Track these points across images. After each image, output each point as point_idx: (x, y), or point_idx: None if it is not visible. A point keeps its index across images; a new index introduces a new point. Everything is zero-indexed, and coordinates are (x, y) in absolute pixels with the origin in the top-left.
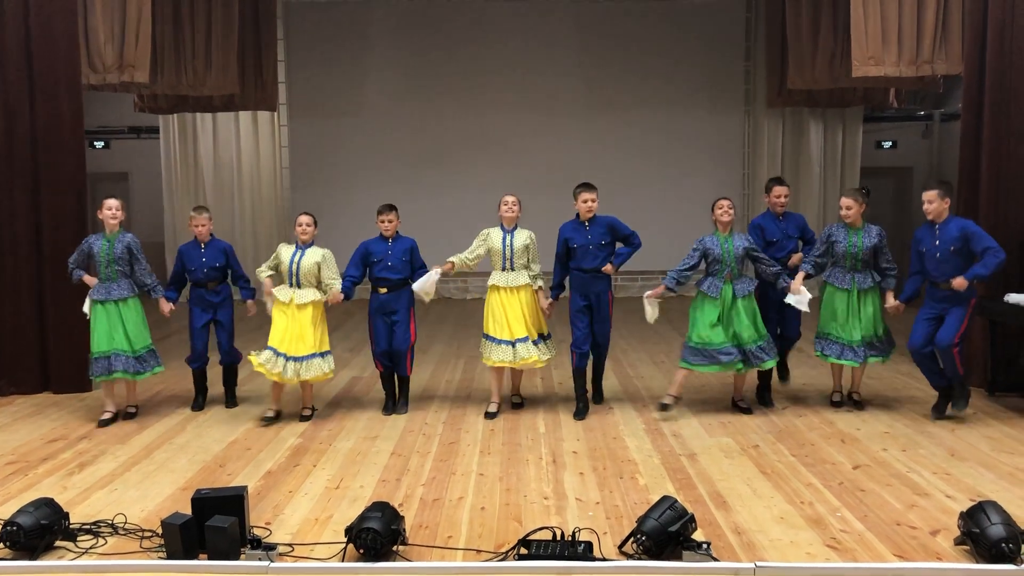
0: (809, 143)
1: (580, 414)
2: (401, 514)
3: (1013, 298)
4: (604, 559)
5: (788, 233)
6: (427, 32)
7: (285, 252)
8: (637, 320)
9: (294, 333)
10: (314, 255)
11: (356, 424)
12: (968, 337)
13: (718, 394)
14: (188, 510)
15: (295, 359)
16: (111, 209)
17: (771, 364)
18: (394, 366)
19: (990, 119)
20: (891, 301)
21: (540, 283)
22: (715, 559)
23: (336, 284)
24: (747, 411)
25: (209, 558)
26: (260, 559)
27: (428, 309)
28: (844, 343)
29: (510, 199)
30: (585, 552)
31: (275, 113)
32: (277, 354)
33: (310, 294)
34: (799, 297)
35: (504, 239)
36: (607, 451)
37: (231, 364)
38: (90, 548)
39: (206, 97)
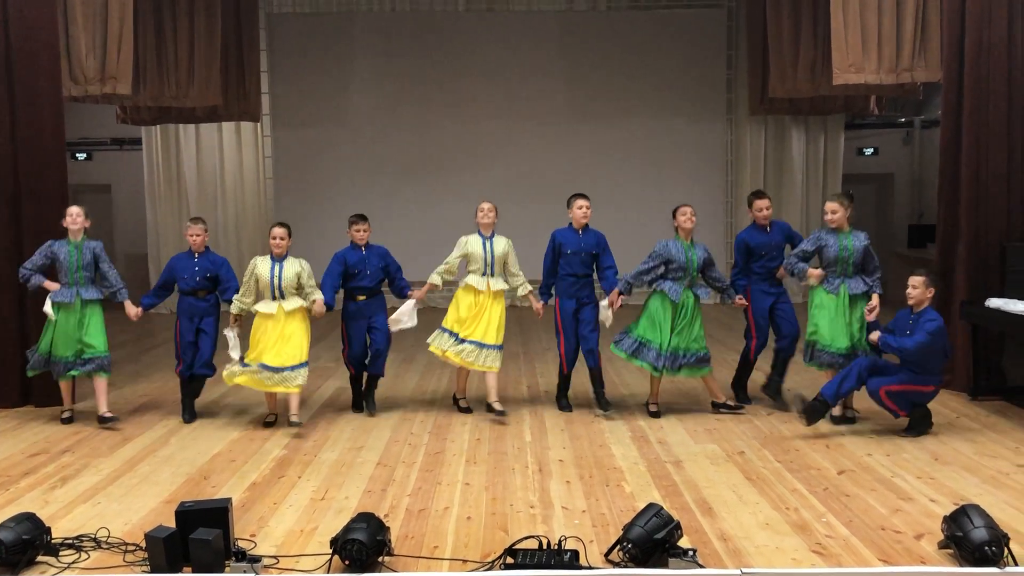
0: (791, 150)
1: (565, 408)
2: (387, 525)
3: (994, 303)
4: (590, 567)
5: (776, 242)
6: (410, 42)
7: (263, 266)
8: (620, 327)
9: (283, 341)
10: (293, 266)
11: (341, 435)
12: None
13: (704, 401)
14: (172, 523)
15: (281, 370)
16: (72, 216)
17: (690, 374)
18: (370, 366)
19: (969, 124)
20: (875, 301)
21: (529, 287)
22: (701, 566)
23: (319, 295)
24: (657, 415)
25: (193, 571)
26: (245, 571)
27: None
28: (833, 352)
29: (486, 205)
30: (571, 560)
31: (258, 124)
32: (262, 367)
33: (295, 302)
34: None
35: (484, 245)
36: (593, 459)
37: (204, 376)
38: (73, 563)
39: (189, 108)
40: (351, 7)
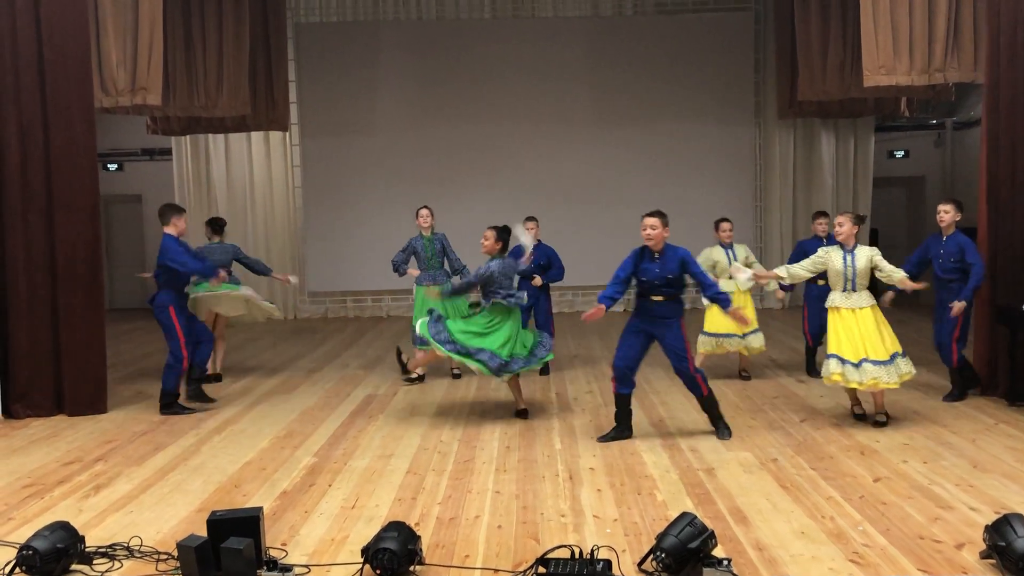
0: (821, 154)
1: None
2: (417, 534)
3: None
4: None
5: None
6: (437, 50)
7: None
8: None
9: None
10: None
11: (371, 442)
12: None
13: (734, 408)
14: (204, 532)
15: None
16: (423, 216)
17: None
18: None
19: (1005, 125)
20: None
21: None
22: None
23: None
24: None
25: None
26: None
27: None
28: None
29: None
30: (604, 570)
31: (287, 133)
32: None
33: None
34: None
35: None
36: (624, 467)
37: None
38: (106, 571)
39: (218, 118)
40: (378, 16)
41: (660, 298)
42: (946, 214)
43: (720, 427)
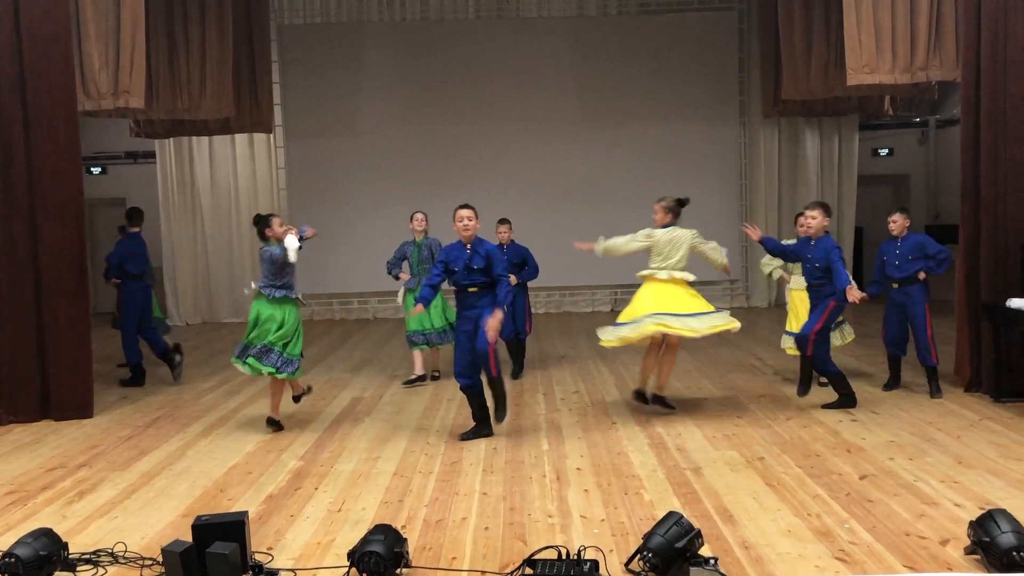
0: (805, 153)
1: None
2: (404, 536)
3: (1016, 303)
4: None
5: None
6: (422, 51)
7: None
8: None
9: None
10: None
11: (357, 445)
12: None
13: (721, 407)
14: (189, 537)
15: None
16: (417, 220)
17: None
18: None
19: (987, 122)
20: None
21: None
22: (723, 575)
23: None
24: None
25: None
26: None
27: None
28: None
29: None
30: (591, 570)
31: (271, 135)
32: None
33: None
34: None
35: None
36: (611, 467)
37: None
38: None
39: (201, 121)
40: (361, 17)
41: (475, 289)
42: (813, 220)
43: (499, 407)
